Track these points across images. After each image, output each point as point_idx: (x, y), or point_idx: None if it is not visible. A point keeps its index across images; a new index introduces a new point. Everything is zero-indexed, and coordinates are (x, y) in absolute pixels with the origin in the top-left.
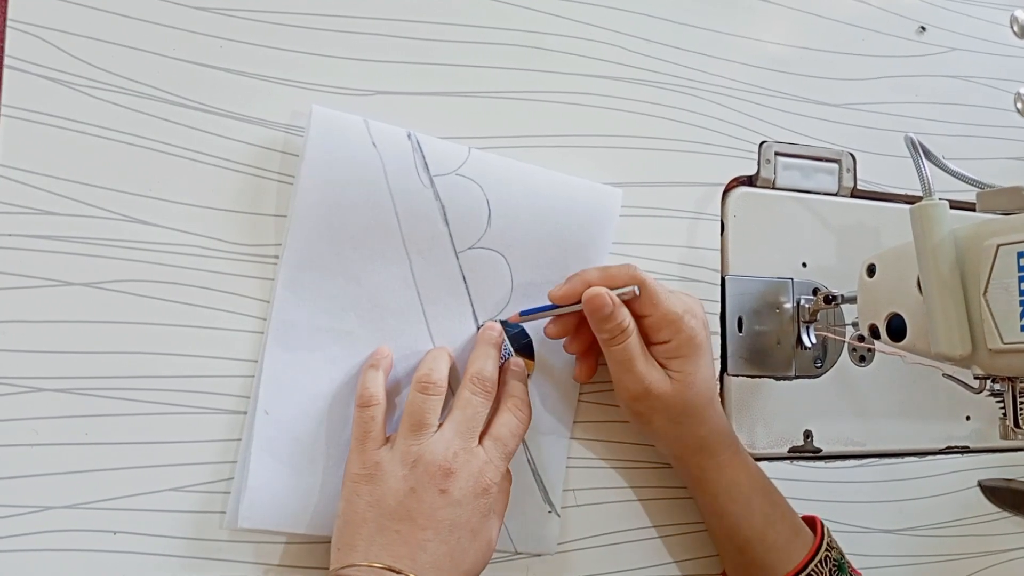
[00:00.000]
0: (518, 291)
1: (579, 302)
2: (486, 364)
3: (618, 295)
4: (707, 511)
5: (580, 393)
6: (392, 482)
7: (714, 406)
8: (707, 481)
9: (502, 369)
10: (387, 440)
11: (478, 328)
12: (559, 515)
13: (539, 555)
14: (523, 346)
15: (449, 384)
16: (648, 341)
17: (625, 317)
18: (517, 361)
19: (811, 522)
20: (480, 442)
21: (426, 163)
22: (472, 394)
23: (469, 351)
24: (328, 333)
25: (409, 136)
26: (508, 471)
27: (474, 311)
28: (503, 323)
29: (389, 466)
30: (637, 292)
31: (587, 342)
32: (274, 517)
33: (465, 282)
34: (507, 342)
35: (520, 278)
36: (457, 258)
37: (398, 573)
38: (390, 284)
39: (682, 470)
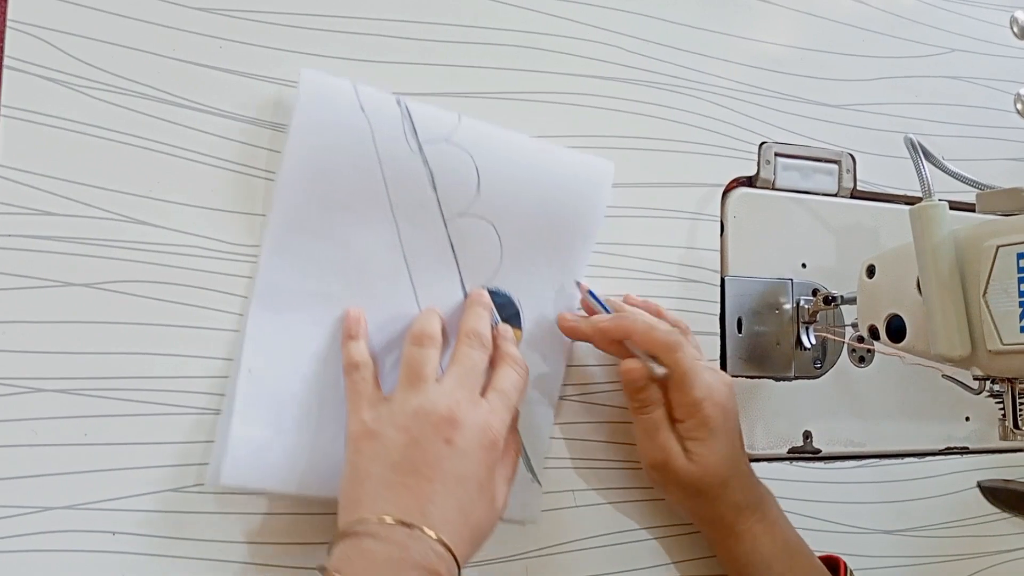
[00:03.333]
0: (507, 260)
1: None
2: (479, 321)
3: (648, 368)
4: (730, 571)
5: (583, 394)
6: (394, 434)
7: (731, 484)
8: (725, 549)
9: (492, 335)
10: (385, 399)
11: (465, 295)
12: (540, 483)
13: (524, 522)
14: (511, 315)
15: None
16: (670, 415)
17: (654, 393)
18: (505, 327)
19: (834, 563)
20: (483, 395)
21: (415, 129)
22: (469, 347)
23: (457, 319)
24: (314, 296)
25: (398, 102)
26: (519, 440)
27: (462, 279)
28: (491, 292)
29: (389, 418)
30: (664, 374)
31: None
32: (256, 476)
33: (453, 249)
34: (495, 311)
35: (509, 247)
36: (445, 225)
37: (410, 527)
38: (377, 249)
39: (704, 535)
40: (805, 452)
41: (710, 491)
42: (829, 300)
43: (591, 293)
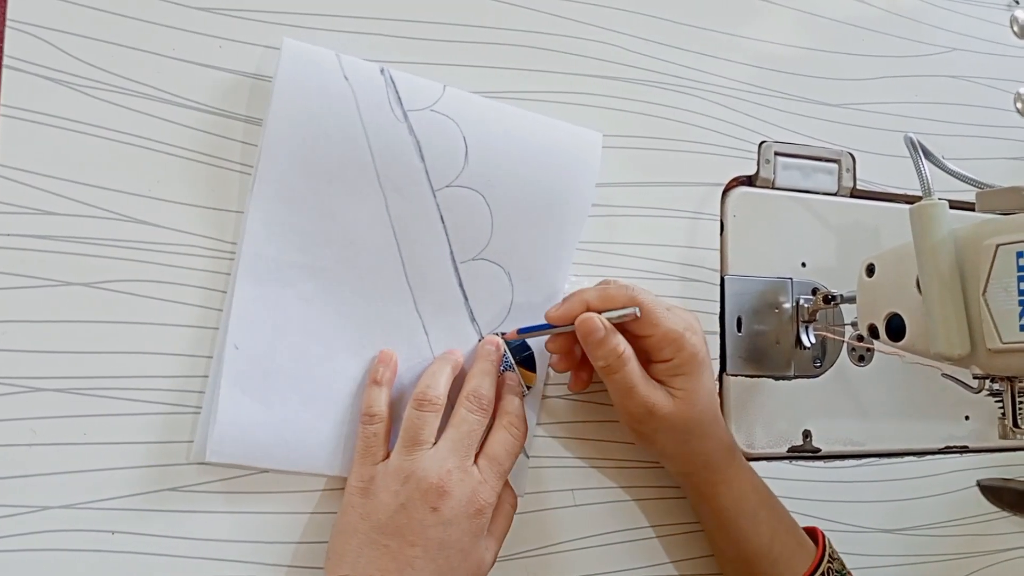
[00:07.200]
0: (498, 231)
1: (573, 323)
2: (483, 382)
3: (617, 317)
4: (713, 525)
5: (583, 393)
6: (384, 496)
7: (718, 421)
8: (715, 496)
9: (499, 383)
10: (387, 455)
11: (455, 267)
12: (527, 456)
13: None
14: (525, 358)
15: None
16: (649, 360)
17: (619, 343)
18: (513, 376)
19: (812, 533)
20: (475, 461)
21: (400, 98)
22: (468, 412)
23: (447, 295)
24: (301, 269)
25: (382, 71)
26: (514, 495)
27: (451, 250)
28: (504, 336)
29: (383, 480)
30: (638, 314)
31: (582, 357)
32: (242, 452)
33: (443, 221)
34: (508, 354)
35: (500, 218)
36: (434, 196)
37: None
38: (365, 220)
39: (689, 486)
40: (805, 451)
41: (700, 428)
42: (829, 299)
43: (521, 330)
